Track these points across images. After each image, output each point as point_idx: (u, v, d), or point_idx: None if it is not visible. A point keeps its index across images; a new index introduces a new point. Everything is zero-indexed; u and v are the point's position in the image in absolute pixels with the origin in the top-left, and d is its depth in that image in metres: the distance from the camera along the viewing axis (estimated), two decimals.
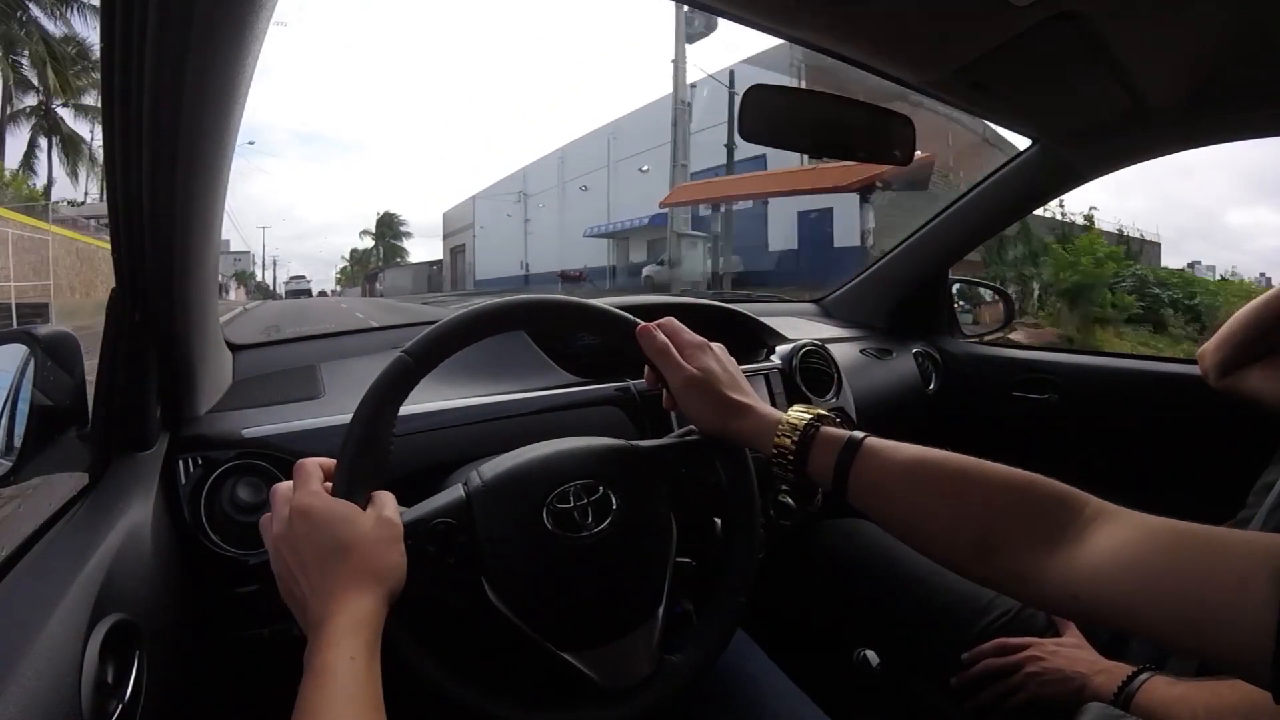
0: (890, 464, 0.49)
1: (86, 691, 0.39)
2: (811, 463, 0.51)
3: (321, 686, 0.39)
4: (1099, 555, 0.39)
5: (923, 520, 0.47)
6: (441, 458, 0.69)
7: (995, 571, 0.44)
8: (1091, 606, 0.39)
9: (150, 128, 0.47)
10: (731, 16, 0.70)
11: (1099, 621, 0.40)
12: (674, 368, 0.56)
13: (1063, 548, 0.41)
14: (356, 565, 0.45)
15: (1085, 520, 0.41)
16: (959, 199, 1.33)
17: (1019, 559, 0.42)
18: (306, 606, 0.45)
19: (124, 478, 0.58)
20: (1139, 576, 0.37)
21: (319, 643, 0.41)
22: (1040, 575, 0.41)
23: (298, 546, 0.46)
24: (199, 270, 0.60)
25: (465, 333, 0.54)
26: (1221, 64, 0.80)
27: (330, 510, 0.47)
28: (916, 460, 0.48)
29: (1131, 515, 0.40)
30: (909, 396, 1.34)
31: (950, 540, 0.46)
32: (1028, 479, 0.45)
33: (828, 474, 0.50)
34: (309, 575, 0.45)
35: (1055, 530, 0.41)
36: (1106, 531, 0.40)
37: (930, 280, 1.45)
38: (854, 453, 0.49)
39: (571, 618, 0.53)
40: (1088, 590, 0.39)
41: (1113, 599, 0.38)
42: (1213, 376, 0.92)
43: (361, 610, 0.43)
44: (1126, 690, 0.62)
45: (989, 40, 0.73)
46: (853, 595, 0.96)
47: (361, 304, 25.56)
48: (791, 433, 0.52)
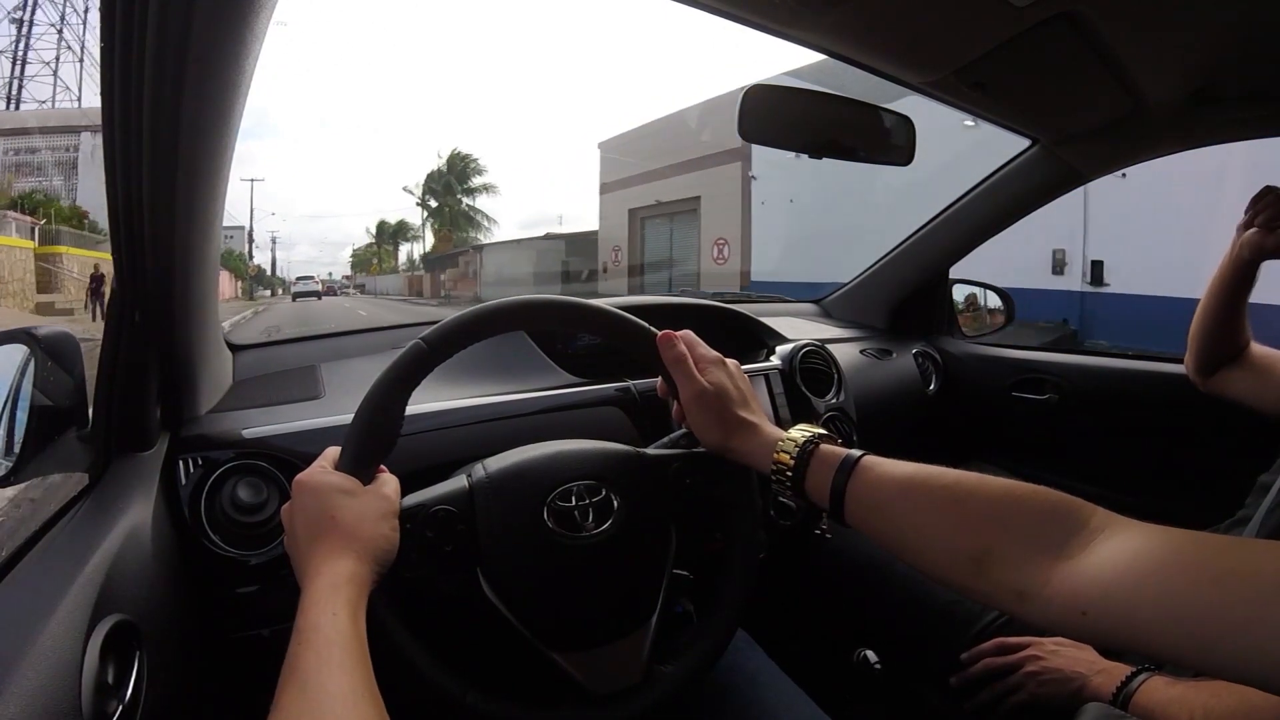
0: (887, 480, 0.48)
1: (87, 692, 0.40)
2: (809, 480, 0.51)
3: (303, 643, 0.40)
4: (1110, 567, 0.36)
5: (920, 536, 0.46)
6: (441, 458, 0.69)
7: (994, 587, 0.41)
8: (1101, 622, 0.36)
9: (150, 128, 0.47)
10: (731, 17, 0.70)
11: (1107, 639, 0.37)
12: (688, 378, 0.56)
13: (1068, 559, 0.38)
14: (341, 532, 0.47)
15: (1092, 530, 0.39)
16: (959, 199, 1.33)
17: (1020, 571, 0.40)
18: (298, 573, 0.47)
19: (124, 478, 0.58)
20: (1157, 591, 0.34)
21: (303, 604, 0.43)
22: (1043, 590, 0.38)
23: (294, 517, 0.49)
24: (199, 270, 0.60)
25: (483, 327, 0.55)
26: (1221, 64, 0.80)
27: (324, 482, 0.49)
28: (913, 475, 0.47)
29: (1144, 525, 0.38)
30: (909, 397, 1.34)
31: (948, 555, 0.44)
32: (1030, 488, 0.43)
33: (825, 491, 0.50)
34: (298, 543, 0.48)
35: (1059, 540, 0.39)
36: (1117, 542, 0.37)
37: (930, 280, 1.45)
38: (851, 470, 0.49)
39: (563, 618, 0.53)
40: (1097, 605, 0.36)
41: (1126, 613, 0.35)
42: (1197, 381, 0.93)
43: (342, 571, 0.45)
44: (1125, 690, 0.62)
45: (989, 40, 0.73)
46: (852, 595, 0.96)
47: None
48: (791, 449, 0.52)
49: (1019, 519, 0.42)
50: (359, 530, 0.47)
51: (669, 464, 0.58)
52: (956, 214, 1.33)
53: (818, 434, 0.53)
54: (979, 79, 0.83)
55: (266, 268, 42.97)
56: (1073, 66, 0.80)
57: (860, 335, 1.38)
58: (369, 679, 0.40)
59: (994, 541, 0.42)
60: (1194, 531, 0.36)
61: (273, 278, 44.67)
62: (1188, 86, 0.86)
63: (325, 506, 0.48)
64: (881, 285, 1.48)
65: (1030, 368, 1.35)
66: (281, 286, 43.21)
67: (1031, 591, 0.39)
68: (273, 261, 44.73)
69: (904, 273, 1.44)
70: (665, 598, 0.57)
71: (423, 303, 26.76)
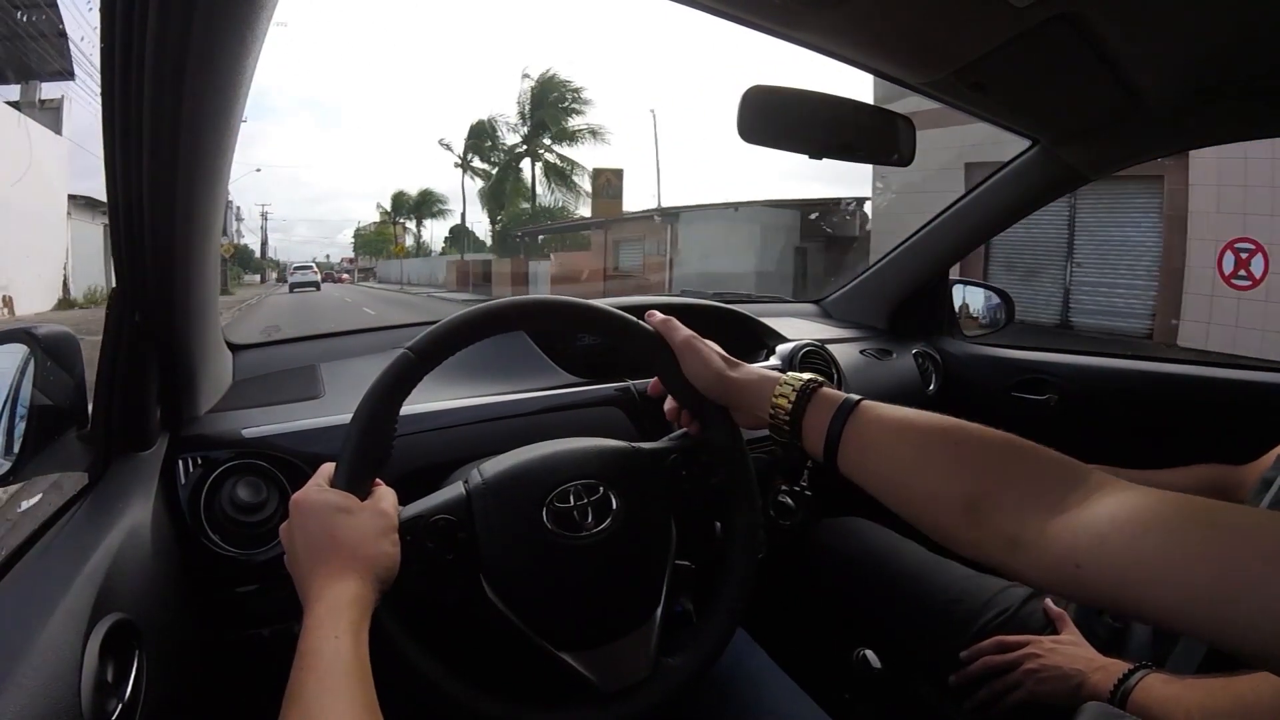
0: (884, 422, 0.47)
1: (86, 691, 0.40)
2: (806, 423, 0.50)
3: (307, 667, 0.40)
4: (1109, 520, 0.35)
5: (913, 477, 0.44)
6: (441, 458, 0.69)
7: (987, 533, 0.40)
8: (1096, 576, 0.34)
9: (150, 128, 0.47)
10: (731, 17, 0.70)
11: (1100, 595, 0.36)
12: (695, 353, 0.56)
13: (1065, 511, 0.37)
14: (343, 553, 0.46)
15: (1091, 486, 0.38)
16: (959, 199, 1.33)
17: (1014, 520, 0.38)
18: (300, 594, 0.46)
19: (124, 478, 0.59)
20: (1158, 545, 0.32)
21: (306, 626, 0.43)
22: (1038, 539, 0.37)
23: (293, 537, 0.48)
24: (199, 270, 0.60)
25: (470, 331, 0.54)
26: (1221, 64, 0.80)
27: (322, 501, 0.48)
28: (913, 417, 0.46)
29: (1144, 487, 0.36)
30: (909, 397, 1.34)
31: (943, 499, 0.42)
32: (1029, 443, 0.42)
33: (821, 434, 0.49)
34: (300, 563, 0.47)
35: (1058, 492, 0.38)
36: (1118, 499, 0.36)
37: (930, 280, 1.45)
38: (849, 413, 0.48)
39: (569, 618, 0.53)
40: (1093, 558, 0.34)
41: (1122, 569, 0.33)
42: None
43: (345, 593, 0.44)
44: (1123, 687, 0.62)
45: (989, 41, 0.73)
46: (851, 594, 0.96)
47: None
48: (789, 393, 0.51)
49: (1019, 466, 0.41)
50: (360, 550, 0.47)
51: (665, 456, 0.58)
52: (957, 214, 1.33)
53: (816, 379, 0.52)
54: (979, 79, 0.83)
55: (258, 251, 35.16)
56: (1073, 66, 0.80)
57: (860, 335, 1.38)
58: (371, 704, 0.40)
59: (992, 486, 0.41)
60: (1195, 495, 0.35)
61: (263, 260, 36.97)
62: (1188, 86, 0.86)
63: (325, 527, 0.47)
64: (881, 285, 1.48)
65: (1030, 368, 1.35)
66: (276, 269, 37.05)
67: (1025, 540, 0.38)
68: (263, 243, 36.18)
69: (904, 273, 1.44)
70: (669, 590, 0.57)
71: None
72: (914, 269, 1.43)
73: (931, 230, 1.38)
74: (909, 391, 1.34)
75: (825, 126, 0.86)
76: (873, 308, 1.48)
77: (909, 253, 1.42)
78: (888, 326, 1.46)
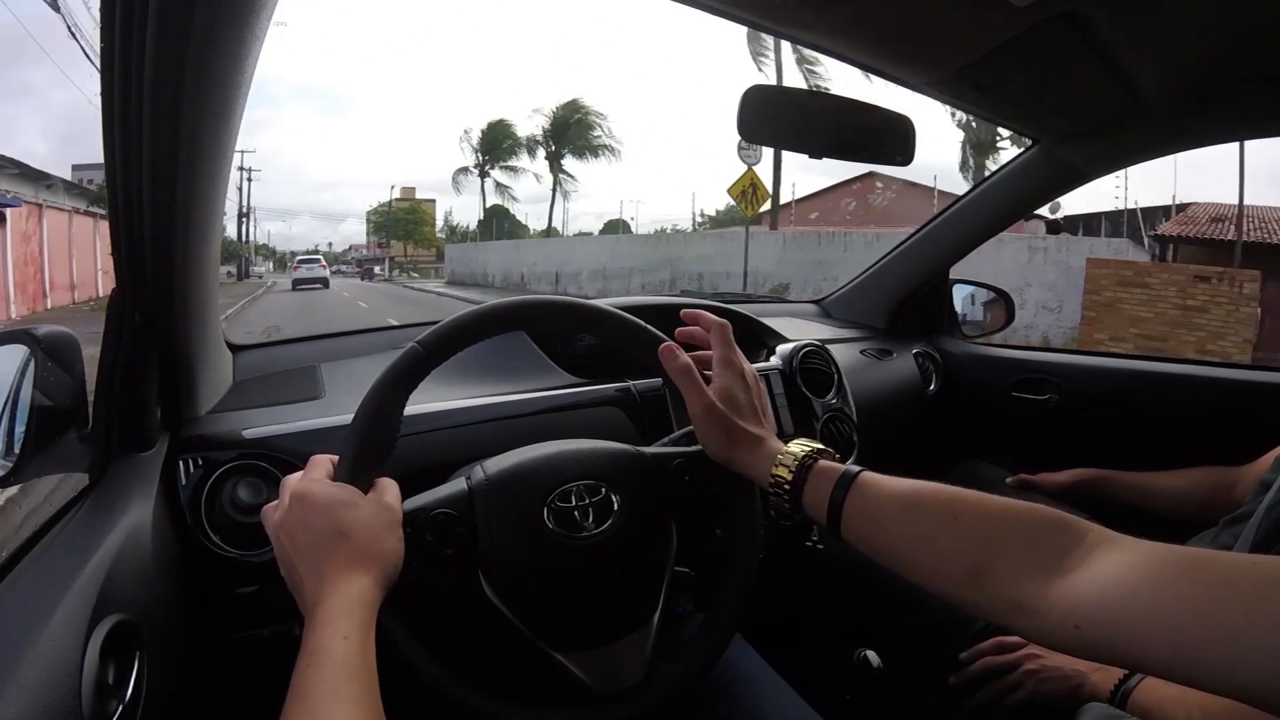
0: (885, 496, 0.48)
1: (87, 692, 0.40)
2: (807, 495, 0.50)
3: (314, 665, 0.40)
4: (1103, 582, 0.37)
5: (916, 551, 0.46)
6: (441, 458, 0.69)
7: (991, 600, 0.42)
8: (1095, 635, 0.37)
9: (150, 128, 0.47)
10: (731, 17, 0.70)
11: (1101, 652, 0.38)
12: (695, 391, 0.55)
13: (1063, 575, 0.39)
14: (352, 548, 0.46)
15: (1088, 546, 0.40)
16: (959, 199, 1.33)
17: (1016, 586, 0.40)
18: (303, 589, 0.45)
19: (124, 478, 0.58)
20: (1148, 603, 0.35)
21: (313, 624, 0.42)
22: (1038, 603, 0.39)
23: (295, 531, 0.47)
24: (199, 271, 0.60)
25: (479, 329, 0.55)
26: (1221, 64, 0.80)
27: (328, 495, 0.48)
28: (911, 491, 0.47)
29: (1138, 542, 0.38)
30: (909, 397, 1.34)
31: (946, 570, 0.45)
32: (1027, 506, 0.44)
33: (823, 506, 0.49)
34: (304, 559, 0.46)
35: (1055, 556, 0.40)
36: (1112, 558, 0.38)
37: (930, 281, 1.45)
38: (849, 486, 0.49)
39: (566, 618, 0.53)
40: (1091, 619, 0.37)
41: (1118, 626, 0.35)
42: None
43: (355, 591, 0.44)
44: (1124, 688, 0.62)
45: (989, 41, 0.73)
46: (851, 595, 0.96)
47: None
48: (790, 464, 0.51)
49: (1016, 535, 0.43)
50: (371, 547, 0.46)
51: (669, 462, 0.58)
52: (957, 214, 1.33)
53: (816, 449, 0.53)
54: (979, 79, 0.83)
55: (234, 233, 24.06)
56: (1073, 66, 0.80)
57: (860, 335, 1.38)
58: (376, 708, 0.40)
59: (992, 557, 0.42)
60: (1186, 546, 0.37)
61: (239, 244, 25.43)
62: (1188, 86, 0.86)
63: (333, 522, 0.46)
64: (881, 285, 1.48)
65: (1030, 368, 1.35)
66: (270, 258, 30.90)
67: (1027, 605, 0.40)
68: (250, 228, 25.78)
69: (904, 273, 1.44)
70: (667, 596, 0.57)
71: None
72: (914, 269, 1.43)
73: (931, 230, 1.38)
74: (909, 392, 1.34)
75: (825, 126, 0.86)
76: (873, 308, 1.48)
77: (909, 252, 1.42)
78: (888, 326, 1.46)
